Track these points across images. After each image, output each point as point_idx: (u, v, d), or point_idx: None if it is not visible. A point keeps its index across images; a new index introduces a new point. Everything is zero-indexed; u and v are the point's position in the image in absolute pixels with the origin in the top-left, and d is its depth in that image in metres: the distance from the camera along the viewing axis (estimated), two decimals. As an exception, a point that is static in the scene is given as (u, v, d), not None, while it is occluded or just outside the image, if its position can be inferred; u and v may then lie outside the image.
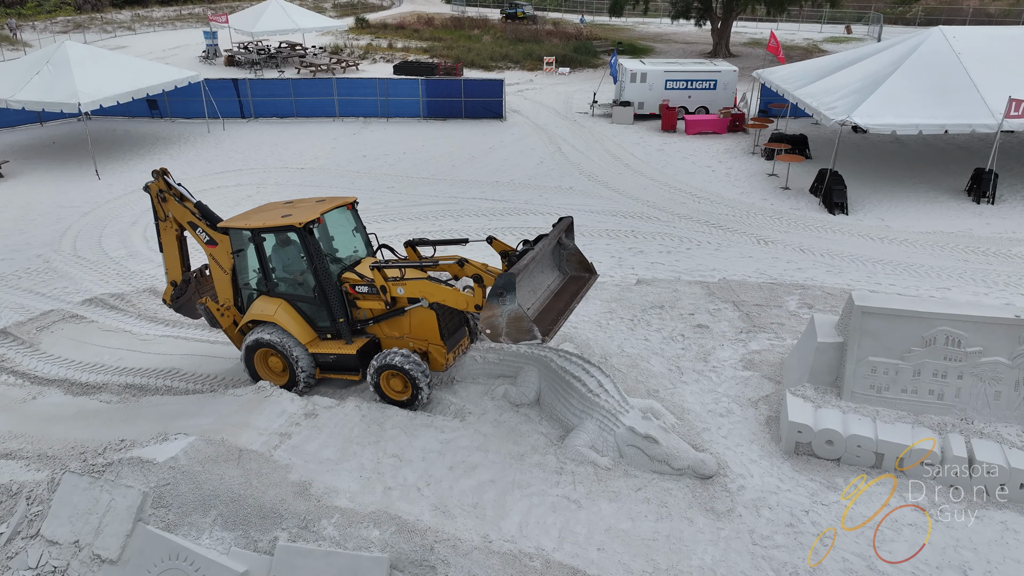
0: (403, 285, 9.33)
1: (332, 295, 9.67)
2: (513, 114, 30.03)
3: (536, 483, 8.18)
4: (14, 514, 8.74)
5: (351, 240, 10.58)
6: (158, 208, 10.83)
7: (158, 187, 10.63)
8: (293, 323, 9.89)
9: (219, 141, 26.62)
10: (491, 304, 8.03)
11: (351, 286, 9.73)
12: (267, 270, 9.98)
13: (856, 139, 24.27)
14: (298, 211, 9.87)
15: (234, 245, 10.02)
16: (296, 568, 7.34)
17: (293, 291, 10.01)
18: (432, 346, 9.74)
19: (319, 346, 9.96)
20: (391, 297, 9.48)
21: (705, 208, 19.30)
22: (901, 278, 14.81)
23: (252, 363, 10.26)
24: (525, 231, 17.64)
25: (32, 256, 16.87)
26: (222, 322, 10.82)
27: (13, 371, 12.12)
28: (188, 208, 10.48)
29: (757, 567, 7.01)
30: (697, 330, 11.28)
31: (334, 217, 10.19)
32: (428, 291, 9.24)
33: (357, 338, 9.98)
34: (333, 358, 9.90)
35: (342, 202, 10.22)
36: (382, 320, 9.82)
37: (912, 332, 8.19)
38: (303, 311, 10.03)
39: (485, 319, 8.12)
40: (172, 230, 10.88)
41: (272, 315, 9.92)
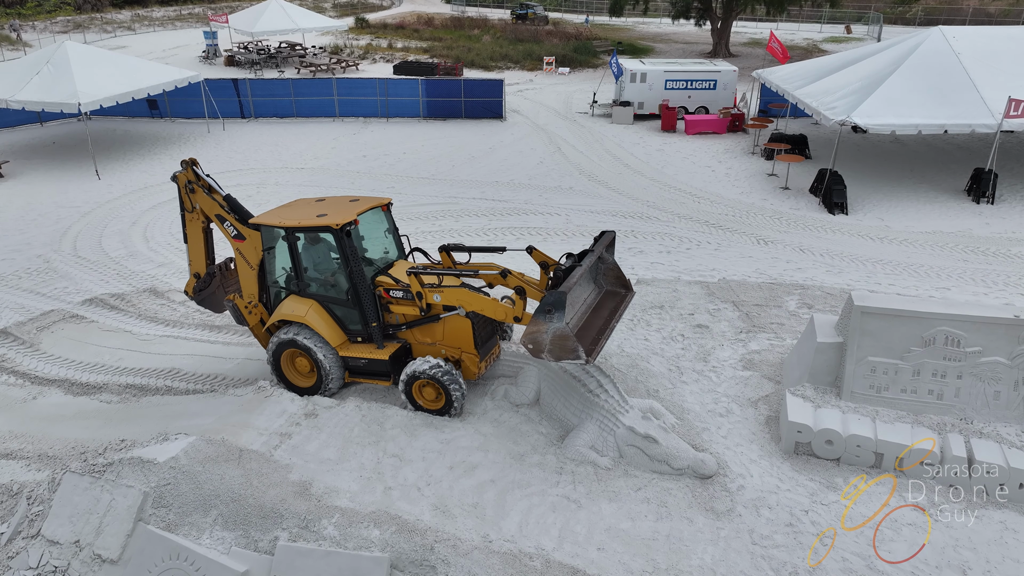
0: (440, 292, 9.18)
1: (366, 298, 9.49)
2: (513, 114, 30.04)
3: (536, 483, 8.19)
4: (15, 514, 8.75)
5: (383, 241, 10.44)
6: (185, 199, 10.58)
7: (186, 177, 10.39)
8: (324, 325, 9.69)
9: (219, 141, 26.63)
10: (537, 320, 7.95)
11: (385, 290, 9.55)
12: (299, 270, 9.77)
13: (856, 139, 24.28)
14: (333, 211, 9.64)
15: (265, 242, 9.84)
16: (296, 568, 7.35)
17: (325, 292, 9.80)
18: (465, 354, 9.53)
19: (349, 349, 9.77)
20: (426, 304, 9.31)
21: (705, 208, 19.31)
22: (901, 278, 14.82)
23: (279, 363, 10.05)
24: (525, 231, 17.66)
25: (32, 256, 16.88)
26: (249, 320, 10.54)
27: (13, 371, 12.13)
28: (216, 200, 10.25)
29: (757, 567, 7.02)
30: (697, 330, 11.29)
31: (367, 218, 9.99)
32: (466, 300, 9.09)
33: (388, 343, 9.78)
34: (364, 362, 9.71)
35: (377, 203, 10.05)
36: (415, 326, 9.64)
37: (911, 332, 8.20)
38: (334, 313, 9.83)
39: (529, 334, 8.01)
40: (198, 222, 10.66)
41: (303, 316, 9.70)
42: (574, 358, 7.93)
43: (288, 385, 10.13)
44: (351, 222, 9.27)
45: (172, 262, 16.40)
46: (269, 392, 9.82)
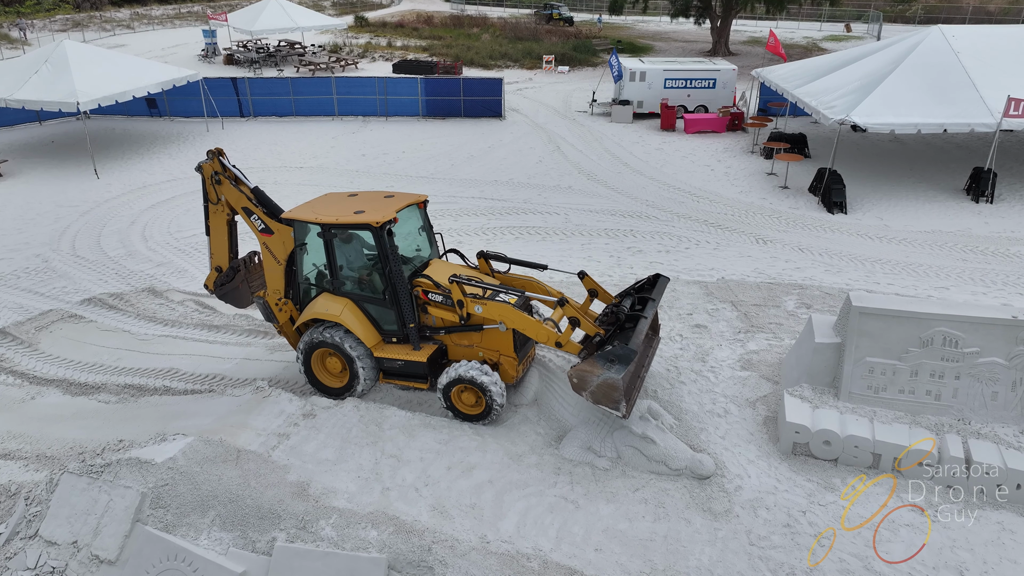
0: (483, 305, 8.93)
1: (404, 299, 9.22)
2: (512, 113, 30.02)
3: (534, 483, 8.19)
4: (13, 514, 8.74)
5: (417, 239, 10.19)
6: (211, 190, 10.27)
7: (212, 168, 10.11)
8: (359, 325, 9.38)
9: (218, 140, 26.59)
10: (594, 363, 7.99)
11: (423, 291, 9.33)
12: (334, 267, 9.45)
13: (855, 138, 24.27)
14: (370, 208, 9.33)
15: (298, 238, 9.55)
16: (294, 569, 7.35)
17: (360, 291, 9.52)
18: (504, 357, 9.26)
19: (384, 350, 9.49)
20: (467, 313, 9.09)
21: (704, 207, 19.31)
22: (899, 277, 14.83)
23: (309, 363, 9.78)
24: (524, 231, 17.66)
25: (31, 256, 16.87)
26: (279, 317, 10.22)
27: (12, 371, 12.13)
28: (244, 193, 10.00)
29: (754, 567, 7.02)
30: (695, 330, 11.28)
31: (404, 215, 9.63)
32: (509, 317, 8.85)
33: (425, 344, 9.51)
34: (400, 364, 9.44)
35: (414, 200, 9.76)
36: (454, 332, 9.42)
37: (909, 333, 8.19)
38: (369, 312, 9.55)
39: (580, 371, 8.05)
40: (223, 214, 10.37)
41: (338, 315, 9.39)
42: (612, 408, 8.03)
43: (318, 385, 9.89)
44: (391, 220, 9.01)
45: (171, 262, 16.39)
46: (267, 392, 9.82)
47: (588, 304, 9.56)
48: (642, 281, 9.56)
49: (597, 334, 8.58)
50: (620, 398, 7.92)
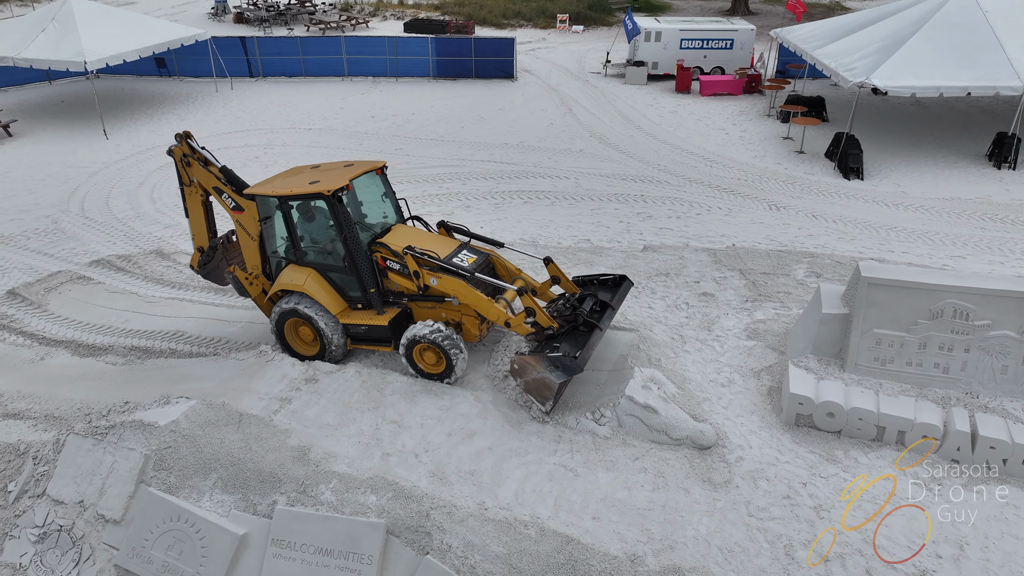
0: (437, 277, 9.10)
1: (363, 265, 9.38)
2: (524, 74, 29.46)
3: (534, 451, 8.18)
4: (22, 473, 8.89)
5: (381, 206, 10.32)
6: (183, 173, 10.52)
7: (181, 151, 10.32)
8: (323, 293, 9.61)
9: (227, 101, 26.37)
10: (539, 359, 8.27)
11: (382, 258, 9.47)
12: (295, 238, 9.66)
13: (875, 101, 23.62)
14: (326, 178, 9.52)
15: (261, 212, 9.73)
16: (294, 532, 7.44)
17: (323, 260, 9.73)
18: (466, 317, 9.46)
19: (350, 316, 9.69)
20: (424, 284, 9.25)
21: (717, 172, 18.95)
22: (915, 246, 14.52)
23: (282, 333, 10.02)
24: (533, 195, 17.44)
25: (40, 217, 16.91)
26: (251, 291, 10.49)
27: (22, 332, 12.24)
28: (213, 173, 10.17)
29: (752, 538, 7.00)
30: (702, 298, 11.14)
31: (363, 183, 9.89)
32: (462, 292, 9.01)
33: (389, 308, 9.68)
34: (364, 329, 9.64)
35: (371, 167, 9.91)
36: (415, 300, 9.61)
37: (919, 304, 8.01)
38: (333, 281, 9.75)
39: (523, 362, 8.34)
40: (197, 195, 10.59)
41: (301, 285, 9.62)
42: (539, 402, 8.45)
43: (293, 354, 10.08)
44: (343, 188, 9.15)
45: (179, 224, 16.36)
46: (270, 357, 9.85)
47: (548, 286, 9.79)
48: (607, 276, 9.74)
49: (551, 327, 8.76)
50: (550, 397, 8.31)
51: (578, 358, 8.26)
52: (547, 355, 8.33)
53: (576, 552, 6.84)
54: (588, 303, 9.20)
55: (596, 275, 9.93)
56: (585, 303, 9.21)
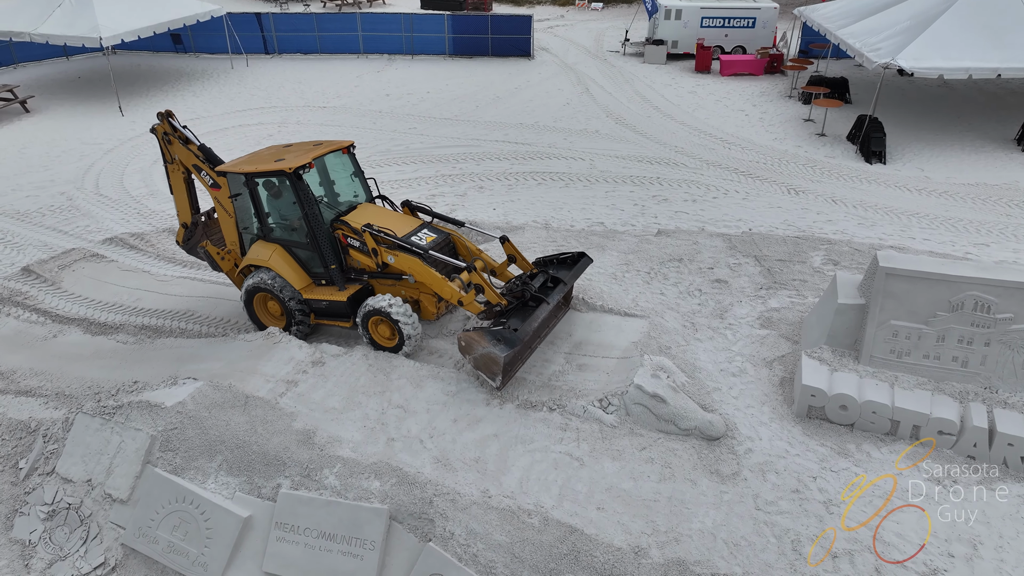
0: (394, 255, 9.35)
1: (323, 241, 9.64)
2: (541, 52, 29.06)
3: (540, 439, 8.10)
4: (32, 450, 8.97)
5: (350, 185, 10.54)
6: (165, 151, 10.83)
7: (163, 129, 10.58)
8: (288, 268, 9.91)
9: (242, 78, 26.28)
10: (483, 336, 8.41)
11: (344, 235, 9.70)
12: (262, 215, 9.96)
13: (900, 83, 23.03)
14: (292, 156, 9.76)
15: (231, 189, 10.01)
16: (298, 516, 7.43)
17: (288, 237, 9.99)
18: (423, 295, 9.74)
19: (313, 292, 9.98)
20: (382, 261, 9.48)
21: (735, 155, 18.59)
22: (937, 232, 14.16)
23: (252, 307, 10.39)
24: (547, 176, 17.22)
25: (56, 193, 16.99)
26: (223, 266, 10.90)
27: (36, 309, 12.32)
28: (192, 151, 10.43)
29: (759, 532, 6.89)
30: (715, 285, 10.93)
31: (331, 162, 10.18)
32: (417, 270, 9.27)
33: (351, 285, 9.94)
34: (325, 304, 9.91)
35: (337, 146, 10.10)
36: (376, 278, 9.85)
37: (939, 296, 7.78)
38: (298, 257, 10.03)
39: (468, 338, 8.53)
40: (179, 172, 10.89)
41: (267, 260, 9.97)
42: (490, 378, 8.59)
43: (262, 328, 10.47)
44: (303, 165, 9.36)
45: (191, 202, 16.37)
46: (277, 339, 9.81)
47: (506, 266, 9.97)
48: (566, 255, 9.91)
49: (499, 304, 8.95)
50: (499, 372, 8.42)
51: (518, 331, 8.39)
52: (490, 330, 8.48)
53: (579, 543, 6.76)
54: (539, 279, 9.36)
55: (556, 254, 10.07)
56: (536, 280, 9.36)
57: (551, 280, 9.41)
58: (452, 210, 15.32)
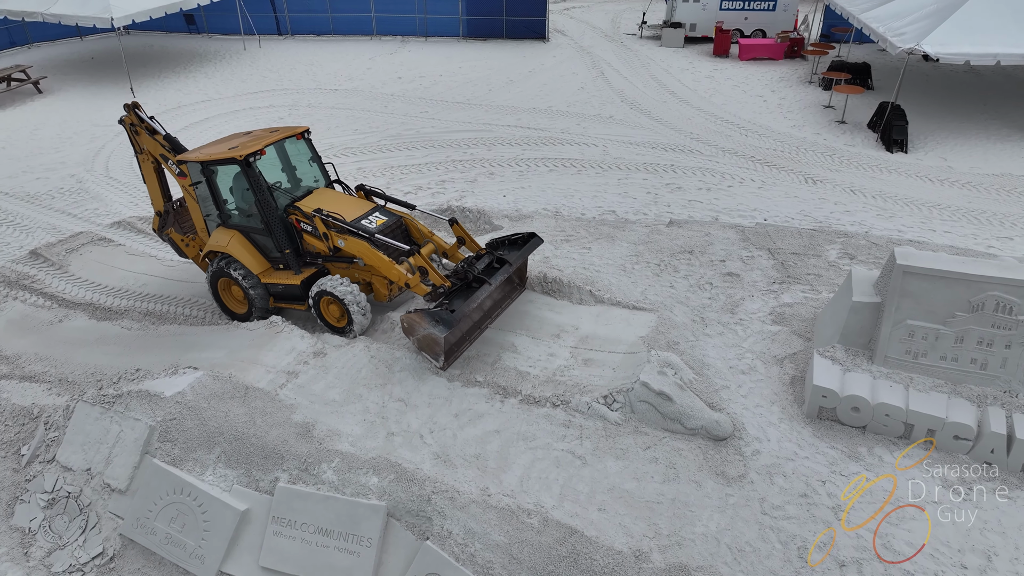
0: (344, 239, 9.53)
1: (276, 226, 9.83)
2: (557, 35, 28.60)
3: (542, 436, 7.93)
4: (34, 437, 8.95)
5: (309, 170, 10.77)
6: (134, 141, 11.11)
7: (130, 120, 10.82)
8: (246, 253, 10.15)
9: (254, 59, 26.10)
10: (423, 317, 8.59)
11: (297, 220, 9.88)
12: (219, 201, 10.19)
13: (924, 69, 22.40)
14: (246, 143, 9.99)
15: (192, 178, 10.24)
16: (295, 510, 7.34)
17: (246, 222, 10.22)
18: (375, 277, 9.88)
19: (271, 276, 10.21)
20: (333, 245, 9.67)
21: (752, 142, 18.18)
22: (958, 224, 13.76)
23: (217, 292, 10.71)
24: (559, 163, 16.94)
25: (66, 176, 16.97)
26: (188, 252, 11.31)
27: (43, 292, 12.31)
28: (158, 141, 10.67)
29: (764, 538, 6.70)
30: (727, 278, 10.66)
31: (290, 148, 10.52)
32: (365, 253, 9.41)
33: (307, 269, 10.16)
34: (281, 288, 10.16)
35: (290, 132, 10.34)
36: (329, 261, 10.07)
37: (958, 296, 7.49)
38: (256, 242, 10.25)
39: (409, 319, 8.73)
40: (149, 162, 11.13)
41: (225, 246, 10.22)
42: (433, 359, 8.83)
43: (227, 312, 10.84)
44: (254, 153, 9.59)
45: (200, 186, 16.27)
46: (280, 328, 9.71)
47: (456, 248, 10.19)
48: (517, 236, 10.07)
49: (443, 285, 9.10)
50: (440, 352, 8.67)
51: (455, 312, 8.55)
52: (429, 311, 8.64)
53: (579, 545, 6.61)
54: (485, 261, 9.51)
55: (508, 236, 10.18)
56: (482, 261, 9.51)
57: (497, 261, 9.51)
58: (462, 197, 15.12)
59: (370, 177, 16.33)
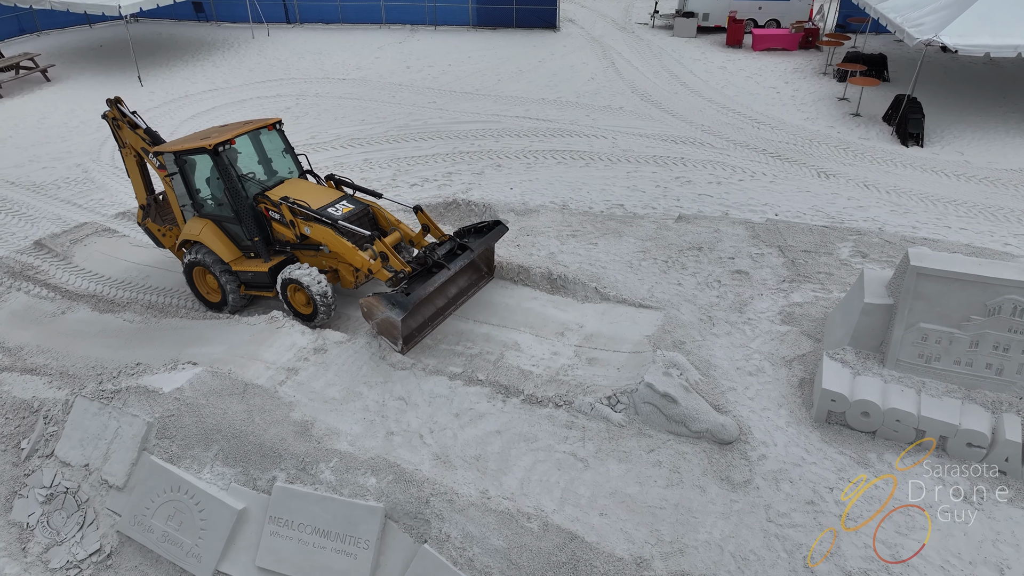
0: (310, 226, 9.67)
1: (245, 214, 10.05)
2: (567, 24, 28.24)
3: (544, 437, 7.79)
4: (34, 431, 8.90)
5: (283, 161, 11.04)
6: (116, 135, 11.34)
7: (112, 115, 11.05)
8: (218, 242, 10.36)
9: (262, 48, 25.93)
10: (380, 299, 8.77)
11: (266, 208, 10.08)
12: (192, 191, 10.47)
13: (943, 61, 21.94)
14: (218, 134, 10.32)
15: (168, 168, 10.47)
16: (292, 510, 7.25)
17: (218, 212, 10.45)
18: (341, 264, 10.03)
19: (242, 264, 10.40)
20: (300, 232, 9.83)
21: (764, 135, 17.86)
22: (975, 221, 13.44)
23: (192, 281, 10.90)
24: (567, 155, 16.71)
25: (72, 165, 16.90)
26: (165, 242, 11.59)
27: (46, 284, 12.26)
28: (139, 135, 10.93)
29: (769, 546, 6.54)
30: (736, 276, 10.45)
31: (265, 140, 10.80)
32: (330, 240, 9.53)
33: (276, 256, 10.36)
34: (251, 275, 10.37)
35: (262, 124, 10.63)
36: (298, 248, 10.26)
37: (974, 299, 7.25)
38: (228, 231, 10.46)
39: (368, 303, 8.90)
40: (132, 156, 11.36)
41: (197, 234, 10.42)
42: (392, 343, 8.99)
43: (203, 300, 11.03)
44: (223, 143, 9.89)
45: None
46: (280, 323, 9.61)
47: (422, 236, 10.31)
48: (483, 224, 10.28)
49: (403, 270, 9.25)
50: (398, 336, 8.87)
51: (410, 295, 8.70)
52: (386, 294, 8.84)
53: (579, 551, 6.48)
54: (446, 247, 9.69)
55: (474, 224, 10.41)
56: (443, 247, 9.70)
57: (459, 248, 9.67)
58: (468, 189, 14.94)
59: (376, 168, 16.18)
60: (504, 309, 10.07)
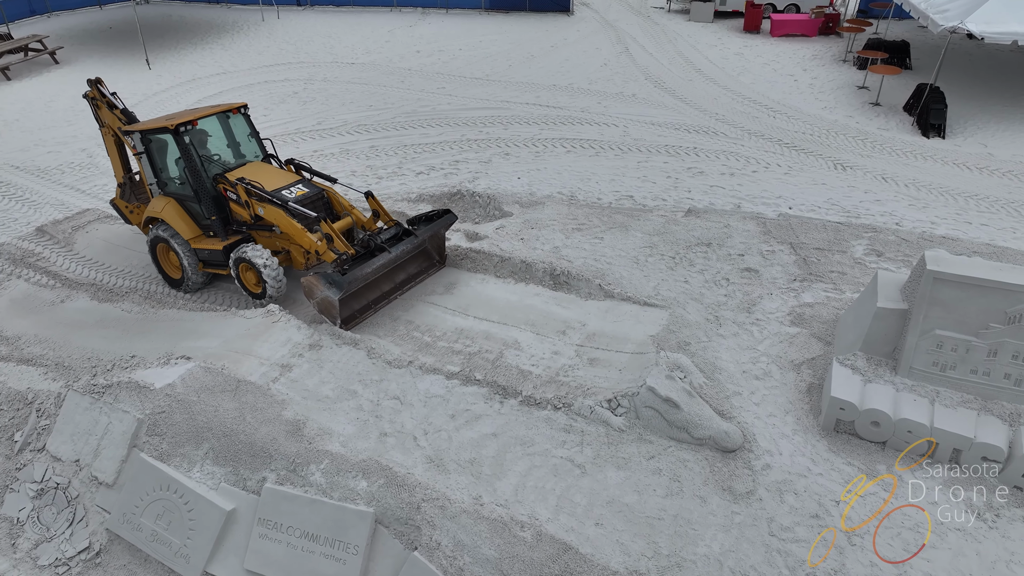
0: (263, 207, 10.03)
1: (205, 194, 10.41)
2: (581, 7, 27.72)
3: (541, 441, 7.57)
4: (27, 424, 8.80)
5: (249, 145, 11.39)
6: (97, 115, 11.62)
7: (92, 95, 11.35)
8: (179, 220, 10.72)
9: (272, 30, 25.67)
10: (320, 278, 9.12)
11: (224, 189, 10.36)
12: (156, 170, 10.86)
13: (968, 48, 21.26)
14: (183, 116, 10.66)
15: (137, 148, 10.81)
16: (281, 513, 7.09)
17: (180, 191, 10.80)
18: (293, 245, 10.26)
19: (201, 242, 10.73)
20: (254, 213, 10.17)
21: (780, 124, 17.40)
22: (996, 217, 12.99)
23: (156, 258, 11.27)
24: (577, 143, 16.36)
25: (77, 150, 16.79)
26: (133, 220, 11.94)
27: (47, 271, 12.16)
28: (116, 115, 11.24)
29: (770, 562, 6.29)
30: (745, 274, 10.12)
31: (233, 123, 11.13)
32: (281, 221, 9.88)
33: (233, 236, 10.68)
34: (207, 253, 10.70)
35: (227, 107, 10.99)
36: (253, 229, 10.52)
37: (993, 306, 6.91)
38: (190, 209, 10.81)
39: (308, 282, 9.29)
40: (110, 135, 11.67)
41: (160, 212, 10.80)
42: (331, 320, 9.35)
43: (165, 277, 11.41)
44: (185, 123, 10.25)
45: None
46: (276, 318, 9.42)
47: (373, 221, 10.68)
48: (433, 212, 10.62)
49: (347, 252, 9.56)
50: (336, 315, 9.24)
51: (346, 274, 9.02)
52: (324, 273, 9.16)
53: (573, 563, 6.27)
54: (391, 232, 10.04)
55: (426, 212, 10.77)
56: (388, 232, 10.05)
57: (404, 233, 10.01)
58: (475, 178, 14.66)
59: (382, 156, 15.92)
60: (506, 306, 9.83)
